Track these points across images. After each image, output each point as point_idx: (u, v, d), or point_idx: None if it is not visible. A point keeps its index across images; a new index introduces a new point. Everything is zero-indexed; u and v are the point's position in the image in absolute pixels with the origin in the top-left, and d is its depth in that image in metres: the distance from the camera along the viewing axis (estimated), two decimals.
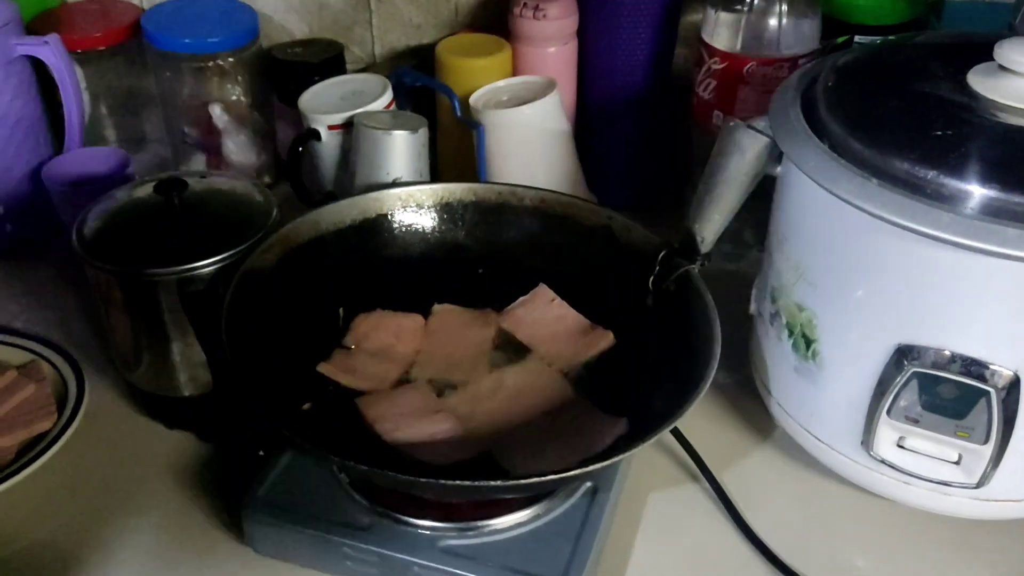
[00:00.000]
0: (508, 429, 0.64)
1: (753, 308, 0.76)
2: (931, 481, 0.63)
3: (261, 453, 0.67)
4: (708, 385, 0.58)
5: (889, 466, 0.64)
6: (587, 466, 0.53)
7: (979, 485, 0.62)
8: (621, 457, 0.54)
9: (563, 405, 0.66)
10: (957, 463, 0.62)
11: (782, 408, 0.71)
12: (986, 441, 0.59)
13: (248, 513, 0.63)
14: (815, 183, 0.60)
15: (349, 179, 0.87)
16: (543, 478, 0.52)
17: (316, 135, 0.89)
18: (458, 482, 0.53)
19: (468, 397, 0.66)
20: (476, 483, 0.54)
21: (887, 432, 0.63)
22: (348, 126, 0.89)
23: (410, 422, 0.63)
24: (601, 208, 0.74)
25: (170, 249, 0.67)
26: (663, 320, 0.68)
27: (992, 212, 0.54)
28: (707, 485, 0.70)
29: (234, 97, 1.01)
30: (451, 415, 0.64)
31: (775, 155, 0.65)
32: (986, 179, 0.55)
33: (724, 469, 0.72)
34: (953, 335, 0.58)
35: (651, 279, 0.70)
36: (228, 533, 0.67)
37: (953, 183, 0.55)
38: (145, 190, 0.71)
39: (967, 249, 0.54)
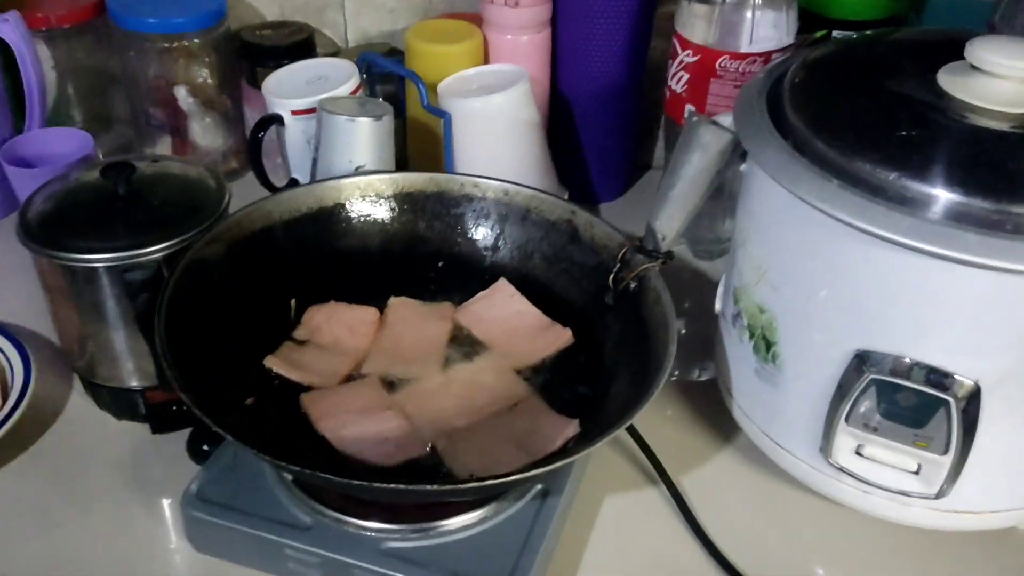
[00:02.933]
0: (457, 428, 0.62)
1: (718, 308, 0.74)
2: (890, 491, 0.61)
3: (205, 448, 0.65)
4: (660, 388, 0.56)
5: (848, 474, 0.62)
6: (533, 469, 0.52)
7: (938, 496, 0.60)
8: (568, 460, 0.52)
9: (515, 404, 0.64)
10: (916, 473, 0.60)
11: (742, 411, 0.69)
12: (946, 451, 0.58)
13: (185, 509, 0.62)
14: (776, 182, 0.58)
15: (312, 166, 0.85)
16: (484, 483, 0.51)
17: (279, 120, 0.87)
18: (392, 486, 0.51)
19: (417, 393, 0.65)
20: (411, 487, 0.52)
21: (845, 439, 0.61)
22: (312, 111, 0.87)
23: (356, 420, 0.61)
24: (564, 202, 0.73)
25: (114, 235, 0.65)
26: (622, 319, 0.67)
27: (955, 217, 0.52)
28: (664, 489, 0.69)
29: (201, 79, 0.99)
30: (399, 413, 0.63)
31: (740, 152, 0.64)
32: (949, 182, 0.53)
33: (683, 473, 0.70)
34: (913, 342, 0.56)
35: (611, 276, 0.68)
36: (172, 529, 0.66)
37: (915, 186, 0.53)
38: (93, 174, 0.69)
39: (928, 255, 0.52)
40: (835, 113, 0.59)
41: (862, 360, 0.58)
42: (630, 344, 0.65)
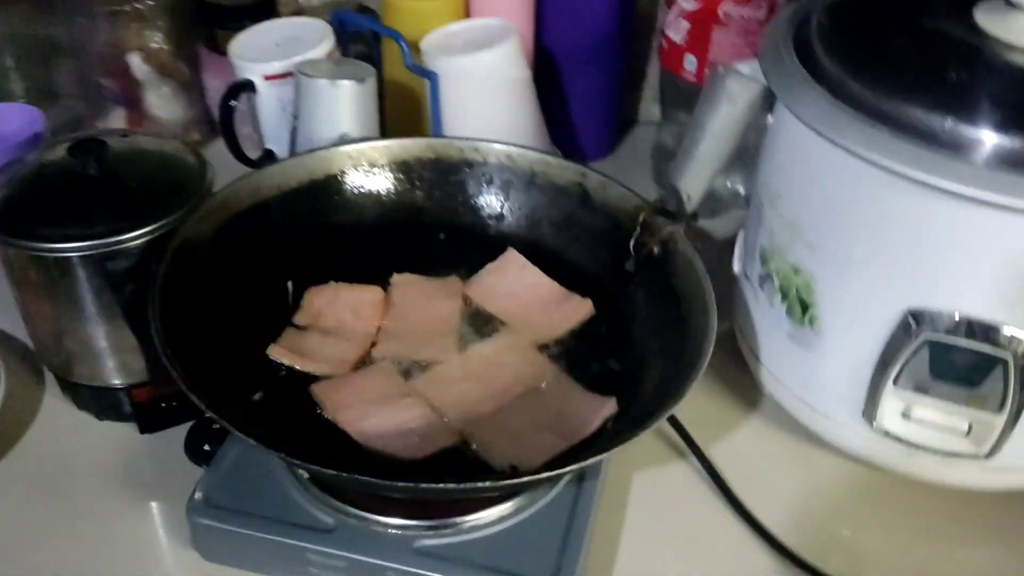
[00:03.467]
0: (484, 414, 0.58)
1: (738, 269, 0.70)
2: (938, 452, 0.59)
3: (206, 448, 0.60)
4: (708, 361, 0.53)
5: (893, 438, 0.60)
6: (580, 455, 0.47)
7: (990, 455, 0.58)
8: (624, 445, 0.48)
9: (543, 384, 0.60)
10: (967, 434, 0.58)
11: (773, 377, 0.66)
12: (1000, 409, 0.55)
13: (193, 516, 0.56)
14: (816, 134, 0.54)
15: (291, 135, 0.79)
16: (536, 476, 0.47)
17: (251, 86, 0.81)
18: (442, 485, 0.47)
19: (437, 379, 0.60)
20: (464, 485, 0.47)
21: (892, 402, 0.58)
22: (287, 76, 0.80)
23: (376, 410, 0.57)
24: (573, 164, 0.68)
25: (90, 221, 0.58)
26: (647, 287, 0.63)
27: (1011, 162, 0.49)
28: (695, 462, 0.66)
29: (155, 44, 0.91)
30: (420, 401, 0.58)
31: (767, 103, 0.60)
32: (1005, 126, 0.50)
33: (711, 443, 0.67)
34: (968, 298, 0.53)
35: (631, 242, 0.63)
36: (175, 537, 0.60)
37: (970, 131, 0.50)
38: (58, 152, 0.62)
39: (988, 205, 0.49)
40: (873, 56, 0.56)
41: (914, 320, 0.55)
42: (660, 314, 0.61)
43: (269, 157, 0.85)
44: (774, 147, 0.61)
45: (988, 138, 0.50)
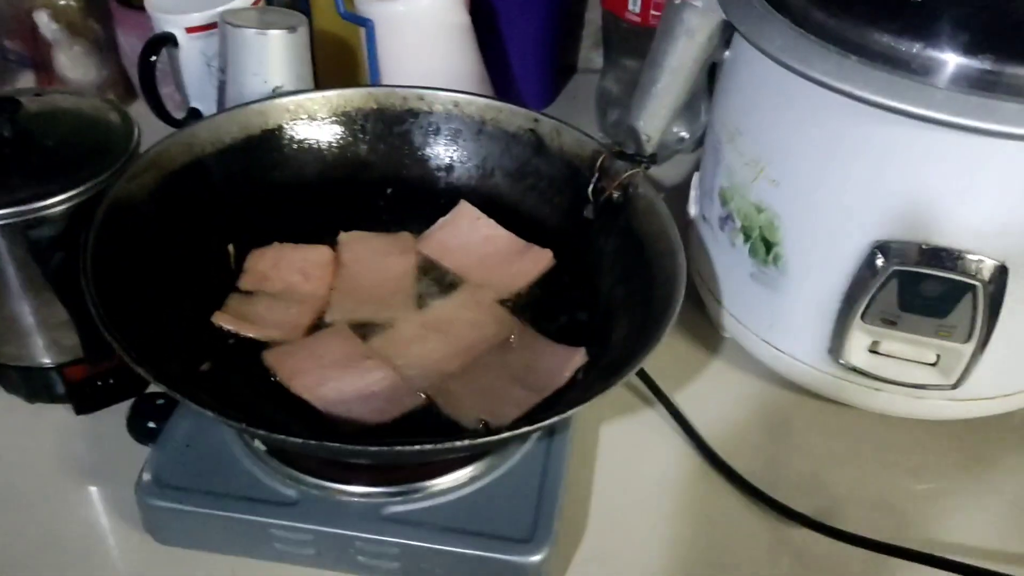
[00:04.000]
0: (449, 372, 0.55)
1: (694, 212, 0.69)
2: (905, 385, 0.59)
3: (151, 425, 0.56)
4: (680, 306, 0.51)
5: (860, 373, 0.59)
6: (560, 411, 0.45)
7: (956, 386, 0.58)
8: (599, 397, 0.46)
9: (508, 339, 0.57)
10: (934, 364, 0.58)
11: (735, 319, 0.65)
12: (968, 339, 0.55)
13: (144, 498, 0.53)
14: (781, 65, 0.53)
15: (219, 91, 0.74)
16: (514, 431, 0.44)
17: (172, 40, 0.76)
18: (418, 447, 0.44)
19: (397, 339, 0.57)
20: (441, 445, 0.45)
21: (860, 337, 0.58)
22: (211, 27, 0.76)
23: (336, 374, 0.53)
24: (524, 110, 0.65)
25: (7, 187, 0.53)
26: (609, 234, 0.61)
27: (981, 86, 0.49)
28: (661, 409, 0.64)
29: (63, 1, 0.85)
30: (380, 363, 0.55)
31: (725, 37, 0.58)
32: (977, 50, 0.49)
33: (674, 390, 0.66)
34: (937, 227, 0.52)
35: (590, 188, 0.61)
36: (123, 521, 0.57)
37: (938, 55, 0.49)
38: None
39: (963, 129, 0.48)
40: None
41: (882, 252, 0.54)
42: (624, 260, 0.59)
43: (194, 116, 0.80)
44: (732, 83, 0.60)
45: (956, 61, 0.49)
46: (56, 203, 0.53)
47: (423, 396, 0.54)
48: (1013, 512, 0.60)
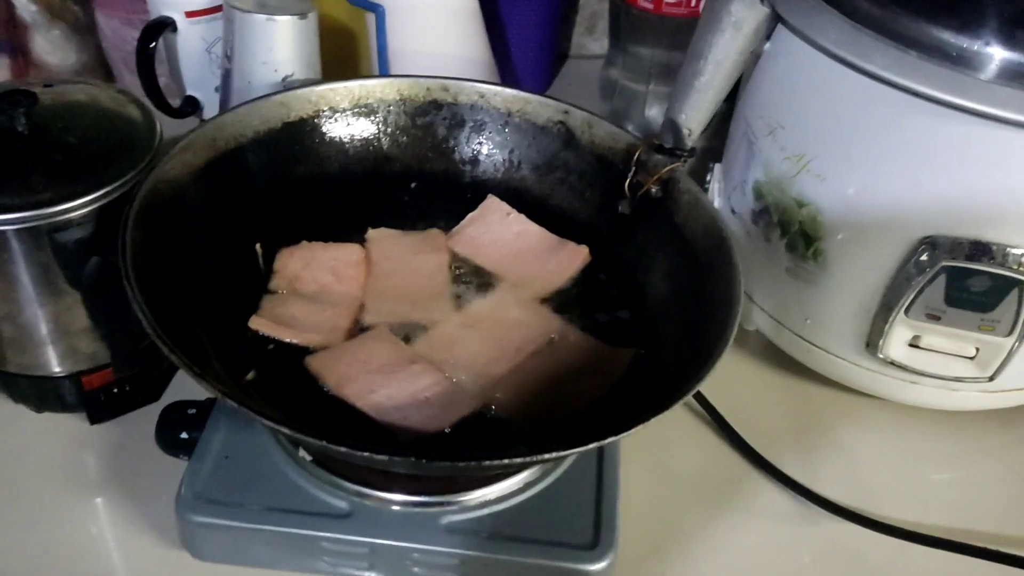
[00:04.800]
0: (499, 375, 0.53)
1: (717, 204, 0.68)
2: (942, 378, 0.59)
3: (184, 436, 0.53)
4: (742, 306, 0.50)
5: (898, 367, 0.59)
6: (628, 425, 0.44)
7: (992, 378, 0.58)
8: (666, 410, 0.45)
9: (554, 339, 0.56)
10: (972, 358, 0.58)
11: (767, 313, 0.65)
12: (1010, 333, 0.56)
13: (185, 514, 0.50)
14: (835, 60, 0.52)
15: (223, 79, 0.71)
16: (585, 446, 0.42)
17: (171, 25, 0.72)
18: (512, 460, 0.42)
19: (440, 341, 0.55)
20: (533, 457, 0.43)
21: (901, 332, 0.58)
22: (212, 11, 0.72)
23: (384, 380, 0.51)
24: (554, 101, 0.63)
25: (27, 186, 0.50)
26: (648, 230, 0.59)
27: None
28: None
29: None
30: (430, 366, 0.53)
31: (769, 29, 0.57)
32: None
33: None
34: (989, 223, 0.53)
35: (627, 183, 0.60)
36: (155, 535, 0.54)
37: (994, 50, 0.49)
38: None
39: (1017, 125, 0.48)
40: None
41: (931, 247, 0.54)
42: (667, 258, 0.58)
43: (191, 105, 0.77)
44: (773, 75, 0.59)
45: (1009, 56, 0.49)
46: (83, 204, 0.50)
47: (477, 401, 0.52)
48: None
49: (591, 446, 0.42)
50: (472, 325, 0.56)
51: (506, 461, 0.42)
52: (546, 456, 0.44)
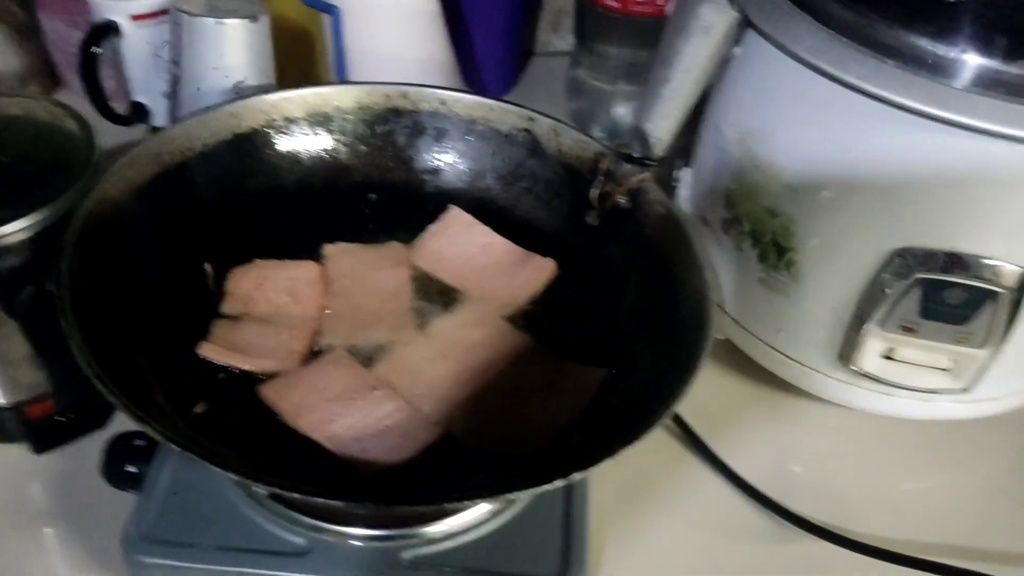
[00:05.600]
0: (461, 399, 0.51)
1: (689, 211, 0.66)
2: (917, 391, 0.58)
3: (131, 469, 0.51)
4: (713, 329, 0.48)
5: (872, 379, 0.58)
6: (600, 456, 0.42)
7: (966, 390, 0.57)
8: (640, 438, 0.43)
9: (520, 359, 0.54)
10: (947, 370, 0.57)
11: (738, 323, 0.63)
12: (984, 345, 0.54)
13: (133, 555, 0.48)
14: (809, 68, 0.50)
15: (171, 85, 0.68)
16: (566, 479, 0.40)
17: (115, 29, 0.68)
18: (472, 500, 0.40)
19: (402, 364, 0.53)
20: (494, 497, 0.41)
21: (875, 344, 0.56)
22: (159, 14, 0.69)
23: (343, 409, 0.49)
24: (517, 108, 0.61)
25: None
26: (618, 242, 0.57)
27: (1015, 91, 0.47)
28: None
29: None
30: (390, 391, 0.51)
31: (739, 33, 0.55)
32: (1009, 53, 0.47)
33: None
34: (964, 234, 0.51)
35: (594, 193, 0.58)
36: (105, 573, 0.52)
37: (977, 60, 0.47)
38: None
39: (995, 136, 0.47)
40: None
41: (904, 258, 0.52)
42: (638, 270, 0.56)
43: (138, 111, 0.74)
44: (745, 81, 0.57)
45: (985, 65, 0.47)
46: (17, 230, 0.47)
47: (439, 428, 0.50)
48: (1017, 510, 0.61)
49: (557, 483, 0.40)
50: (434, 346, 0.54)
51: (466, 503, 0.39)
52: (508, 496, 0.42)
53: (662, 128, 0.56)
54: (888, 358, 0.57)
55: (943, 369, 0.57)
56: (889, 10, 0.49)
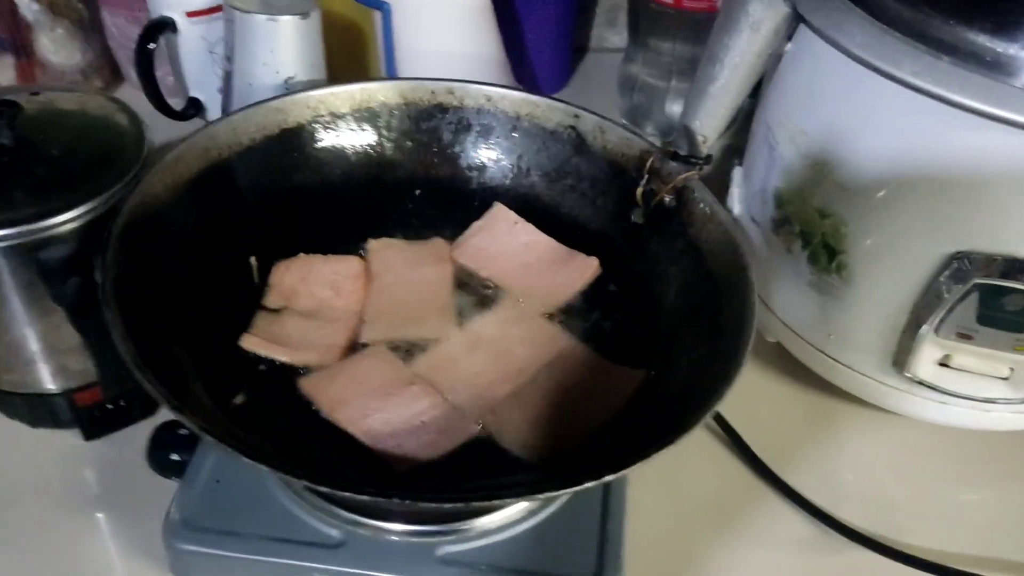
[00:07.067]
0: (499, 397, 0.51)
1: (737, 211, 0.65)
2: (973, 399, 0.56)
3: (175, 457, 0.51)
4: (753, 332, 0.47)
5: (926, 387, 0.56)
6: (657, 449, 0.41)
7: None
8: (677, 441, 0.42)
9: (560, 358, 0.53)
10: (1006, 378, 0.55)
11: (787, 327, 0.62)
12: None
13: (171, 541, 0.48)
14: (863, 65, 0.49)
15: (224, 81, 0.69)
16: (602, 479, 0.40)
17: (171, 25, 0.70)
18: (504, 500, 0.40)
19: (441, 361, 0.53)
20: (530, 496, 0.41)
21: (930, 351, 0.55)
22: (213, 11, 0.70)
23: (379, 404, 0.49)
24: (564, 105, 0.60)
25: (10, 203, 0.48)
26: (662, 241, 0.56)
27: None
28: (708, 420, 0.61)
29: None
30: (428, 388, 0.51)
31: (790, 29, 0.54)
32: None
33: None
34: (1020, 237, 0.49)
35: (639, 191, 0.57)
36: (148, 559, 0.53)
37: None
38: None
39: None
40: None
41: (962, 263, 0.51)
42: (681, 270, 0.55)
43: (194, 106, 0.75)
44: (795, 79, 0.56)
45: None
46: (66, 220, 0.48)
47: (476, 426, 0.49)
48: None
49: (591, 484, 0.40)
50: (474, 343, 0.54)
51: (498, 501, 0.39)
52: (544, 495, 0.42)
53: (708, 126, 0.55)
54: (944, 365, 0.55)
55: (1001, 377, 0.55)
56: (945, 5, 0.47)
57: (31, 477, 0.57)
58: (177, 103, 0.74)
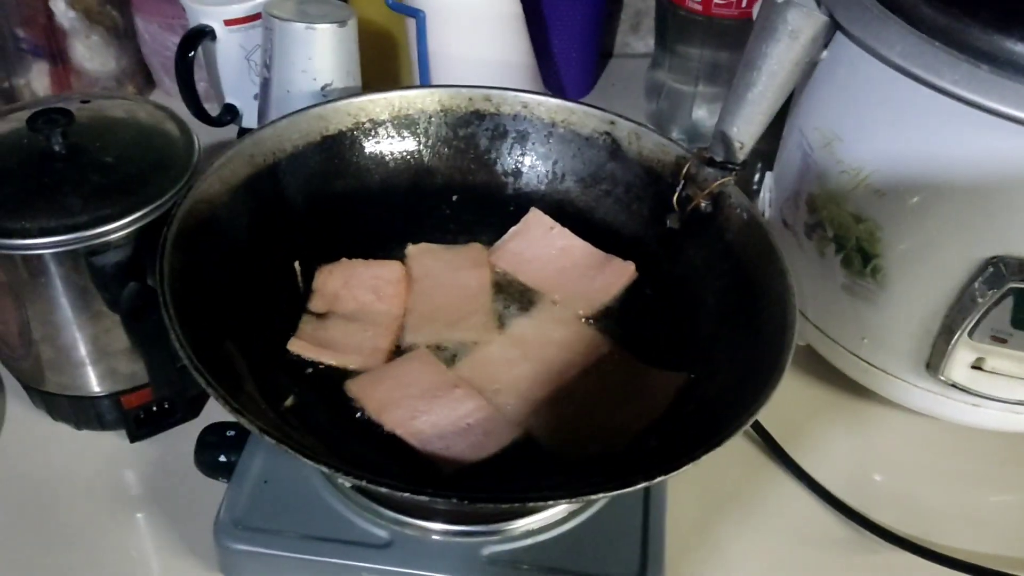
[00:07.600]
0: (541, 399, 0.52)
1: (770, 215, 0.66)
2: (1007, 402, 0.57)
3: (223, 459, 0.52)
4: (795, 337, 0.48)
5: (960, 390, 0.57)
6: (704, 451, 0.42)
7: None
8: (734, 435, 0.43)
9: (599, 361, 0.54)
10: None
11: (820, 330, 0.63)
12: None
13: (224, 541, 0.49)
14: (901, 73, 0.49)
15: (261, 88, 0.70)
16: (649, 482, 0.41)
17: (210, 33, 0.71)
18: (555, 501, 0.41)
19: (484, 364, 0.53)
20: (575, 499, 0.42)
21: (964, 354, 0.55)
22: (250, 20, 0.71)
23: (426, 406, 0.50)
24: (600, 111, 0.61)
25: (64, 208, 0.49)
26: (698, 246, 0.57)
27: None
28: None
29: None
30: (472, 390, 0.52)
31: (827, 37, 0.54)
32: None
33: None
34: None
35: (675, 197, 0.58)
36: (195, 558, 0.53)
37: None
38: (9, 125, 0.52)
39: None
40: None
41: (998, 267, 0.51)
42: (717, 275, 0.56)
43: (230, 112, 0.76)
44: (831, 85, 0.56)
45: None
46: (121, 226, 0.49)
47: (520, 428, 0.50)
48: None
49: (639, 486, 0.41)
50: (514, 346, 0.55)
51: (548, 502, 0.40)
52: (591, 496, 0.43)
53: (745, 132, 0.56)
54: (977, 368, 0.56)
55: None
56: (983, 14, 0.48)
57: (77, 478, 0.58)
58: (212, 109, 0.75)
